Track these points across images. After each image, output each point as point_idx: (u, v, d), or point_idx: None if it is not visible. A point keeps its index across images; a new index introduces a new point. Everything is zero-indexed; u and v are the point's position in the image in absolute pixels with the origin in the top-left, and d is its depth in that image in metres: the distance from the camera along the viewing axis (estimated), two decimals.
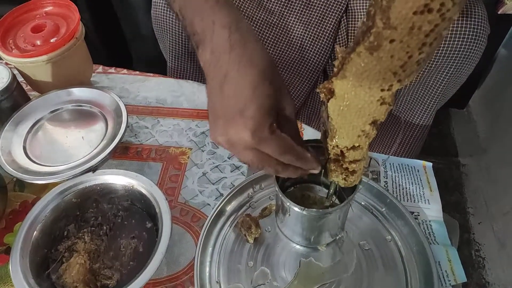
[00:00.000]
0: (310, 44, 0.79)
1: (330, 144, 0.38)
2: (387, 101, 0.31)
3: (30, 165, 0.56)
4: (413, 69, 0.28)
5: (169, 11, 0.77)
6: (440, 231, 0.53)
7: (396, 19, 0.24)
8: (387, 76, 0.29)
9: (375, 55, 0.27)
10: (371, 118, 0.33)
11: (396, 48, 0.26)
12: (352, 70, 0.29)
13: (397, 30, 0.25)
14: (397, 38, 0.25)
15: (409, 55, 0.26)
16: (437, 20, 0.24)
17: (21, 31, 0.64)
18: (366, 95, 0.31)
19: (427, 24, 0.24)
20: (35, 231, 0.49)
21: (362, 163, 0.39)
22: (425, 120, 0.81)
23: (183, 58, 0.84)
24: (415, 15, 0.24)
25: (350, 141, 0.36)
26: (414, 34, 0.25)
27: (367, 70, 0.29)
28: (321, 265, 0.49)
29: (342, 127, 0.35)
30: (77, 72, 0.68)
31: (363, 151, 0.37)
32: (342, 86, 0.31)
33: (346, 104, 0.33)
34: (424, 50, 0.26)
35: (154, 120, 0.69)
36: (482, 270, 1.13)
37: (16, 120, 0.61)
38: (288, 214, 0.47)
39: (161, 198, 0.50)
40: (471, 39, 0.66)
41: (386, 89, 0.30)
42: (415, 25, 0.24)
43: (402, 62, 0.27)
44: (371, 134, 0.35)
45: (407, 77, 0.29)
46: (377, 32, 0.26)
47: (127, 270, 0.49)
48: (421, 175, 0.59)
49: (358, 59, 0.28)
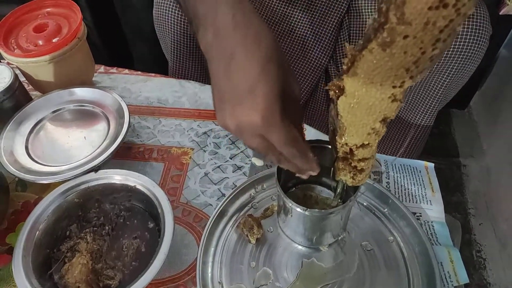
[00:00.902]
0: (312, 43, 0.80)
1: (339, 142, 0.38)
2: (398, 98, 0.31)
3: (32, 165, 0.56)
4: (426, 65, 0.28)
5: (171, 11, 0.77)
6: (442, 232, 0.53)
7: (411, 14, 0.24)
8: (399, 73, 0.28)
9: (388, 51, 0.27)
10: (381, 116, 0.33)
11: (409, 44, 0.26)
12: (364, 67, 0.29)
13: (411, 25, 0.25)
14: (411, 34, 0.25)
15: (422, 51, 0.26)
16: (452, 15, 0.24)
17: (23, 31, 0.64)
18: (377, 92, 0.31)
19: (442, 19, 0.24)
20: (38, 231, 0.49)
21: (371, 161, 0.39)
22: (427, 120, 0.81)
23: (185, 58, 0.84)
24: (430, 10, 0.24)
25: (360, 139, 0.36)
26: (428, 29, 0.25)
27: (379, 66, 0.28)
28: (323, 265, 0.49)
29: (352, 124, 0.35)
30: (79, 72, 0.68)
31: (372, 149, 0.37)
32: (353, 83, 0.31)
33: (356, 101, 0.32)
34: (437, 46, 0.26)
35: (156, 120, 0.69)
36: (483, 271, 1.13)
37: (18, 120, 0.61)
38: (290, 214, 0.47)
39: (163, 198, 0.50)
40: (473, 40, 0.66)
41: (398, 85, 0.30)
42: (430, 20, 0.24)
43: (416, 58, 0.27)
44: (381, 132, 0.35)
45: (420, 73, 0.28)
46: (390, 28, 0.25)
47: (130, 270, 0.49)
48: (423, 175, 0.59)
49: (370, 56, 0.28)
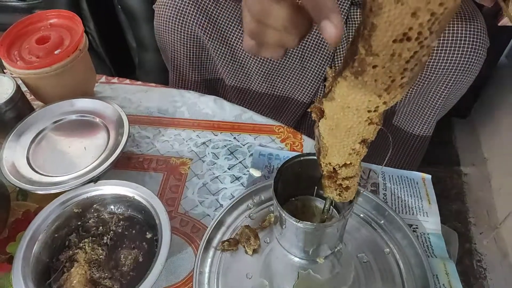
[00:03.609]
0: (310, 54, 0.80)
1: (323, 162, 0.39)
2: (375, 121, 0.32)
3: (33, 175, 0.57)
4: (396, 92, 0.29)
5: (172, 22, 0.78)
6: (438, 244, 0.53)
7: (377, 47, 0.26)
8: (372, 99, 0.30)
9: (360, 79, 0.28)
10: (360, 137, 0.34)
11: (379, 73, 0.27)
12: (340, 92, 0.31)
13: (379, 56, 0.26)
14: (379, 64, 0.27)
15: (392, 79, 0.28)
16: (415, 47, 0.26)
17: (26, 43, 0.65)
18: (354, 116, 0.32)
19: (407, 51, 0.26)
20: (37, 240, 0.50)
21: (356, 179, 0.40)
22: (426, 131, 0.81)
23: (185, 68, 0.85)
24: (395, 43, 0.25)
25: (342, 159, 0.37)
26: (395, 60, 0.26)
27: (353, 93, 0.30)
28: (319, 277, 0.50)
29: (333, 145, 0.36)
30: (80, 83, 0.69)
31: (355, 168, 0.38)
32: (331, 107, 0.33)
33: (335, 124, 0.34)
34: (406, 75, 0.28)
35: (156, 130, 0.70)
36: (483, 281, 1.12)
37: (20, 131, 0.62)
38: (285, 226, 0.47)
39: (161, 210, 0.51)
40: (470, 52, 0.67)
41: (373, 110, 0.31)
42: (396, 52, 0.26)
43: (386, 85, 0.28)
44: (362, 152, 0.36)
45: (392, 99, 0.30)
46: (360, 59, 0.27)
47: (127, 280, 0.50)
48: (420, 187, 0.60)
49: (345, 82, 0.30)
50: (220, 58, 0.82)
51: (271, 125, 0.70)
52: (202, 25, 0.78)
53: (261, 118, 0.71)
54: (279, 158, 0.64)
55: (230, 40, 0.81)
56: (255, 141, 0.67)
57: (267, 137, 0.67)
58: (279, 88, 0.86)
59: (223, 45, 0.81)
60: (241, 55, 0.82)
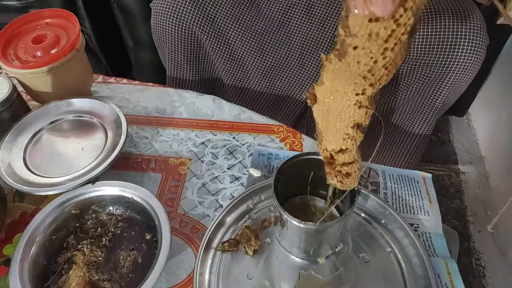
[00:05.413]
0: (309, 52, 0.80)
1: (320, 148, 0.40)
2: (364, 104, 0.33)
3: (30, 176, 0.56)
4: (381, 73, 0.29)
5: (168, 20, 0.77)
6: (439, 243, 0.53)
7: (354, 27, 0.26)
8: (358, 81, 0.30)
9: (344, 61, 0.29)
10: (352, 122, 0.35)
11: (360, 53, 0.28)
12: (327, 76, 0.31)
13: (357, 37, 0.27)
14: (359, 45, 0.27)
15: (374, 60, 0.28)
16: (392, 26, 0.26)
17: (22, 42, 0.65)
18: (343, 99, 0.33)
19: (383, 30, 0.26)
20: (35, 242, 0.49)
21: (355, 165, 0.40)
22: (425, 129, 0.81)
23: (183, 67, 0.84)
24: (371, 22, 0.26)
25: (337, 144, 0.38)
26: (373, 40, 0.27)
27: (339, 75, 0.30)
28: (320, 277, 0.49)
29: (327, 130, 0.37)
30: (77, 82, 0.68)
31: (352, 153, 0.38)
32: (321, 91, 0.34)
33: (327, 108, 0.34)
34: (387, 55, 0.28)
35: (154, 130, 0.69)
36: (482, 279, 1.12)
37: (16, 131, 0.61)
38: (286, 226, 0.47)
39: (160, 210, 0.50)
40: (470, 51, 0.67)
41: (360, 93, 0.31)
42: (373, 31, 0.26)
43: (369, 66, 0.29)
44: (357, 137, 0.36)
45: (378, 81, 0.30)
46: (341, 40, 0.28)
47: (126, 282, 0.49)
48: (420, 186, 0.59)
49: (330, 65, 0.30)
50: (218, 56, 0.81)
51: (270, 124, 0.69)
52: (200, 23, 0.77)
53: (260, 118, 0.70)
54: (279, 158, 0.63)
55: (228, 38, 0.80)
56: (255, 140, 0.66)
57: (267, 137, 0.67)
58: (278, 86, 0.85)
59: (220, 43, 0.80)
60: (239, 53, 0.82)
